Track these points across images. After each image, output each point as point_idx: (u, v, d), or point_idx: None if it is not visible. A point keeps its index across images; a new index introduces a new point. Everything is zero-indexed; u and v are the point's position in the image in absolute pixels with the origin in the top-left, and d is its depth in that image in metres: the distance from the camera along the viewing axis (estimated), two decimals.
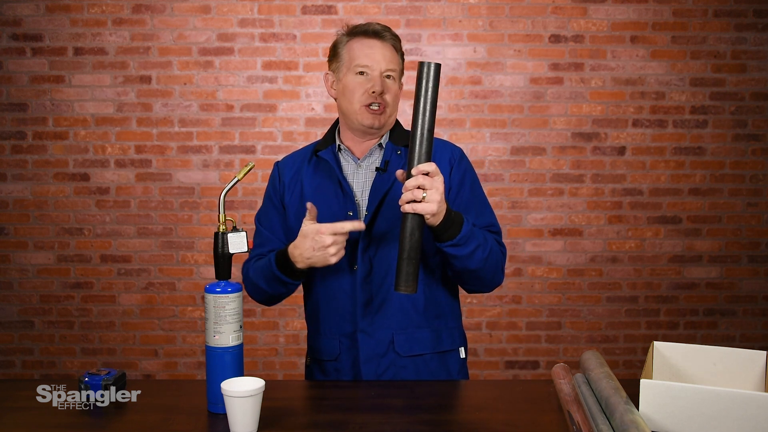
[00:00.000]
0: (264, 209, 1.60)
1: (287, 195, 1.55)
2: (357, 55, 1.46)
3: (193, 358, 3.16)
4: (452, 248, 1.35)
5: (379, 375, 1.46)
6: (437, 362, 1.50)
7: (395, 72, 1.48)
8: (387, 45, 1.48)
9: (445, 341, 1.52)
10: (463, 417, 1.25)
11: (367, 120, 1.46)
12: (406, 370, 1.47)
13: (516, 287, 3.16)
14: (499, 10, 3.07)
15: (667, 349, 1.30)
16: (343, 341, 1.48)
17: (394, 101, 1.48)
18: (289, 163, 1.60)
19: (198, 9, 3.04)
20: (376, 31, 1.47)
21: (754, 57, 3.10)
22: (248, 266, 1.54)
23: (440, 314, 1.52)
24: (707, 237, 3.17)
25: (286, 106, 3.09)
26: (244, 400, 1.10)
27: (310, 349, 1.59)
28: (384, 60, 1.46)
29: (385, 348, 1.46)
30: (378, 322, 1.46)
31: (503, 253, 1.50)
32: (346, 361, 1.48)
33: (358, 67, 1.45)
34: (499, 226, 1.54)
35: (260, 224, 1.58)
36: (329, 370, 1.51)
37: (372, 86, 1.44)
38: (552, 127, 3.12)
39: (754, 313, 3.20)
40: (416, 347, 1.48)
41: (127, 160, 3.10)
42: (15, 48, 3.04)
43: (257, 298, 1.55)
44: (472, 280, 1.47)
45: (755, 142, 3.14)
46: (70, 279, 3.13)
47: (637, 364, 3.18)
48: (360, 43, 1.47)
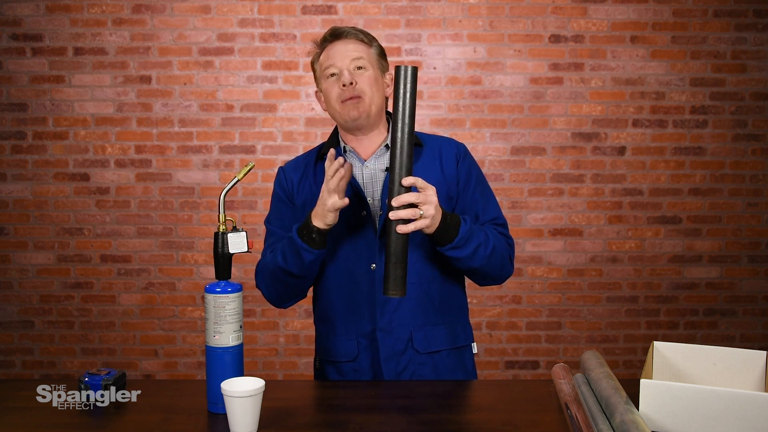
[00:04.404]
0: (274, 211, 1.58)
1: (297, 196, 1.55)
2: (323, 61, 1.50)
3: (193, 358, 3.16)
4: (453, 251, 1.36)
5: (399, 373, 1.46)
6: (454, 358, 1.52)
7: (363, 60, 1.47)
8: (349, 40, 1.49)
9: (460, 336, 1.54)
10: (463, 417, 1.25)
11: (348, 113, 1.47)
12: (424, 367, 1.48)
13: (516, 287, 3.16)
14: (499, 10, 3.07)
15: (667, 349, 1.30)
16: (362, 341, 1.48)
17: (371, 88, 1.47)
18: (294, 167, 1.59)
19: (198, 9, 3.04)
20: (336, 33, 1.50)
21: (754, 57, 3.10)
22: (263, 262, 1.50)
23: (454, 310, 1.54)
24: (707, 237, 3.17)
25: (286, 106, 3.09)
26: (244, 400, 1.10)
27: (322, 350, 1.57)
28: (347, 53, 1.47)
29: (404, 345, 1.47)
30: (397, 320, 1.46)
31: (510, 245, 1.51)
32: (365, 360, 1.48)
33: (327, 71, 1.48)
34: (505, 218, 1.56)
35: (271, 225, 1.56)
36: (346, 371, 1.50)
37: (341, 81, 1.45)
38: (552, 127, 3.12)
39: (754, 313, 3.20)
40: (434, 344, 1.49)
41: (127, 160, 3.10)
42: (15, 48, 3.04)
43: (272, 293, 1.52)
44: (479, 277, 1.50)
45: (755, 142, 3.14)
46: (70, 279, 3.13)
47: (637, 364, 3.18)
48: (325, 50, 1.51)
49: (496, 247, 1.44)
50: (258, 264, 1.53)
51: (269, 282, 1.49)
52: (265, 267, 1.48)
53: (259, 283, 1.53)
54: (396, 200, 1.26)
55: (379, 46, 1.54)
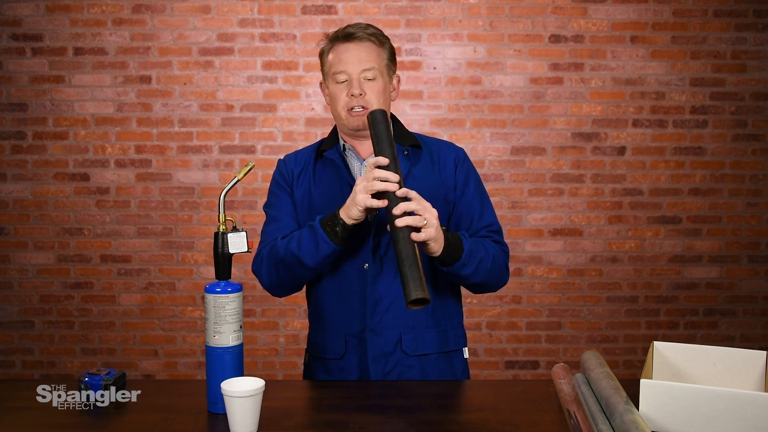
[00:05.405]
0: (275, 197, 1.55)
1: (296, 189, 1.54)
2: (334, 62, 1.48)
3: (193, 358, 3.16)
4: (461, 269, 1.38)
5: (386, 374, 1.46)
6: (443, 362, 1.51)
7: (374, 70, 1.47)
8: (363, 44, 1.47)
9: (451, 341, 1.53)
10: (463, 417, 1.25)
11: (352, 123, 1.48)
12: (412, 369, 1.48)
13: (516, 287, 3.16)
14: (499, 10, 3.07)
15: (667, 349, 1.30)
16: (350, 340, 1.48)
17: (378, 99, 1.47)
18: (295, 160, 1.59)
19: (198, 9, 3.04)
20: (349, 33, 1.48)
21: (754, 57, 3.10)
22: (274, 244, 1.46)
23: (447, 314, 1.54)
24: (707, 237, 3.17)
25: (286, 106, 3.09)
26: (244, 400, 1.10)
27: (311, 346, 1.58)
28: (359, 61, 1.46)
29: (393, 347, 1.46)
30: (387, 321, 1.46)
31: (505, 252, 1.52)
32: (352, 359, 1.48)
33: (336, 75, 1.47)
34: (500, 224, 1.56)
35: (273, 210, 1.54)
36: (333, 368, 1.50)
37: (350, 90, 1.45)
38: (552, 127, 3.12)
39: (754, 313, 3.20)
40: (423, 347, 1.48)
41: (127, 160, 3.10)
42: (15, 48, 3.04)
43: (272, 280, 1.48)
44: (479, 288, 1.51)
45: (755, 142, 3.13)
46: (70, 279, 3.13)
47: (637, 364, 3.18)
48: (337, 48, 1.49)
49: (496, 258, 1.45)
50: (258, 248, 1.50)
51: (273, 268, 1.45)
52: (272, 252, 1.45)
53: (258, 268, 1.49)
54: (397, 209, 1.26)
55: (391, 47, 1.54)
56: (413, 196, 1.29)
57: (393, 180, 1.28)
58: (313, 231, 1.37)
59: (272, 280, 1.48)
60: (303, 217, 1.52)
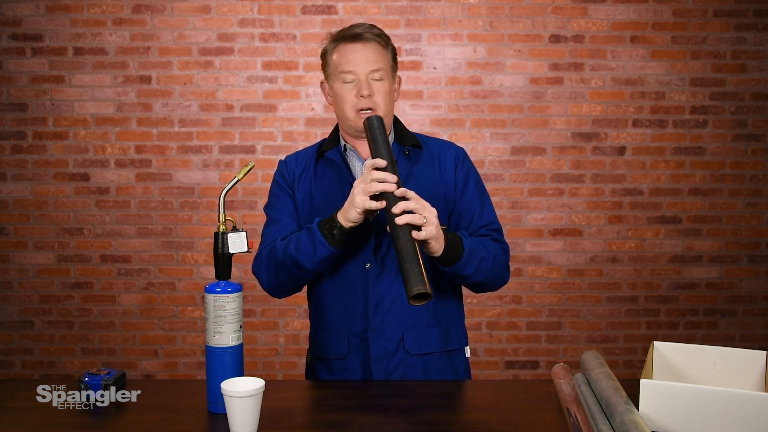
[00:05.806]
0: (275, 198, 1.55)
1: (297, 190, 1.54)
2: (341, 61, 1.47)
3: (193, 358, 3.16)
4: (462, 268, 1.38)
5: (389, 374, 1.46)
6: (445, 361, 1.52)
7: (382, 71, 1.47)
8: (369, 45, 1.47)
9: (453, 340, 1.53)
10: (463, 417, 1.25)
11: (360, 124, 1.47)
12: (414, 369, 1.48)
13: (516, 287, 3.16)
14: (499, 10, 3.07)
15: (667, 349, 1.30)
16: (353, 340, 1.48)
17: (384, 100, 1.48)
18: (296, 161, 1.59)
19: (198, 9, 3.04)
20: (356, 34, 1.47)
21: (754, 57, 3.10)
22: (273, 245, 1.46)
23: (449, 314, 1.54)
24: (707, 237, 3.17)
25: (286, 106, 3.09)
26: (244, 400, 1.10)
27: (313, 346, 1.58)
28: (367, 62, 1.46)
29: (395, 346, 1.47)
30: (389, 320, 1.46)
31: (506, 251, 1.52)
32: (355, 359, 1.48)
33: (343, 74, 1.47)
34: (499, 223, 1.56)
35: (273, 211, 1.53)
36: (336, 368, 1.50)
37: (359, 91, 1.45)
38: (552, 127, 3.12)
39: (754, 313, 3.20)
40: (425, 346, 1.49)
41: (127, 160, 3.10)
42: (15, 48, 3.04)
43: (272, 281, 1.47)
44: (480, 288, 1.51)
45: (755, 142, 3.13)
46: (70, 279, 3.13)
47: (637, 364, 3.18)
48: (343, 48, 1.48)
49: (496, 257, 1.45)
50: (258, 249, 1.50)
51: (273, 270, 1.46)
52: (271, 254, 1.45)
53: (258, 269, 1.49)
54: (397, 207, 1.26)
55: (393, 48, 1.54)
56: (411, 195, 1.29)
57: (391, 181, 1.29)
58: (311, 234, 1.38)
59: (271, 281, 1.48)
60: (304, 218, 1.52)
